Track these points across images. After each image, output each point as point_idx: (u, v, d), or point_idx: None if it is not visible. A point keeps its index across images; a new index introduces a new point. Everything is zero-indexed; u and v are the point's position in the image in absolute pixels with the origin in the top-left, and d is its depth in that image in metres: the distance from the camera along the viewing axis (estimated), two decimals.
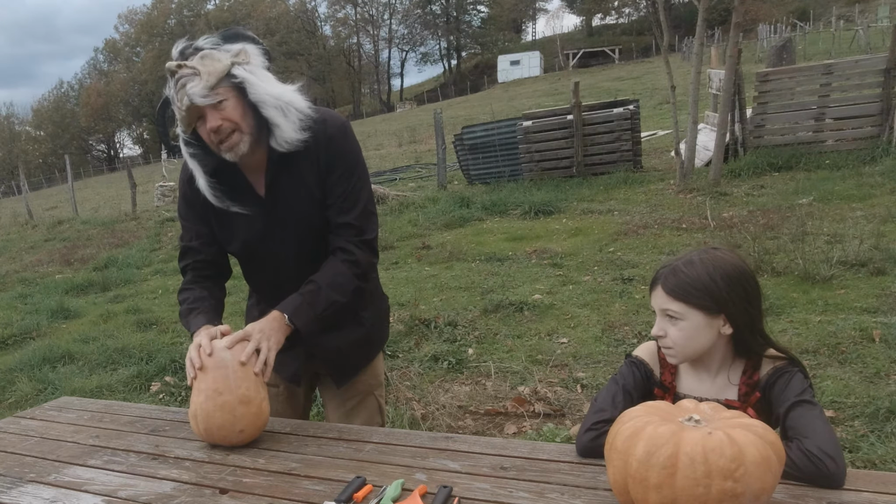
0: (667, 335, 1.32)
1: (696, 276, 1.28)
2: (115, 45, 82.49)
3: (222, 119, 1.52)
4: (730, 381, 1.34)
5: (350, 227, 1.66)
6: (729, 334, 1.30)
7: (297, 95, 1.61)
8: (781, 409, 1.24)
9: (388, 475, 1.33)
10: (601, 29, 73.80)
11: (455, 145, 11.47)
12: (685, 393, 1.38)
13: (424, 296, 5.42)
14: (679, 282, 1.29)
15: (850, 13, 37.04)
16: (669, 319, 1.31)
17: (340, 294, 1.65)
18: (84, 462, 1.55)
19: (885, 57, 8.33)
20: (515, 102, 31.13)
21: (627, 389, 1.38)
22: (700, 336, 1.30)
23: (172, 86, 1.52)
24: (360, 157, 1.70)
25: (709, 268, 1.28)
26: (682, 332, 1.30)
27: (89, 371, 4.60)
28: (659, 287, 1.32)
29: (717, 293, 1.27)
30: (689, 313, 1.29)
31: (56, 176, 50.85)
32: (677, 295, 1.29)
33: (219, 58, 1.51)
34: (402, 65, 79.30)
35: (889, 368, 3.12)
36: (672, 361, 1.37)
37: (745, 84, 9.20)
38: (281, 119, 1.55)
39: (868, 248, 4.79)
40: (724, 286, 1.27)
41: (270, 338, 1.55)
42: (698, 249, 1.34)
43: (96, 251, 10.38)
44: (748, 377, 1.33)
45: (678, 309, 1.29)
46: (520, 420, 3.14)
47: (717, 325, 1.30)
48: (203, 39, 1.55)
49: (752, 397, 1.32)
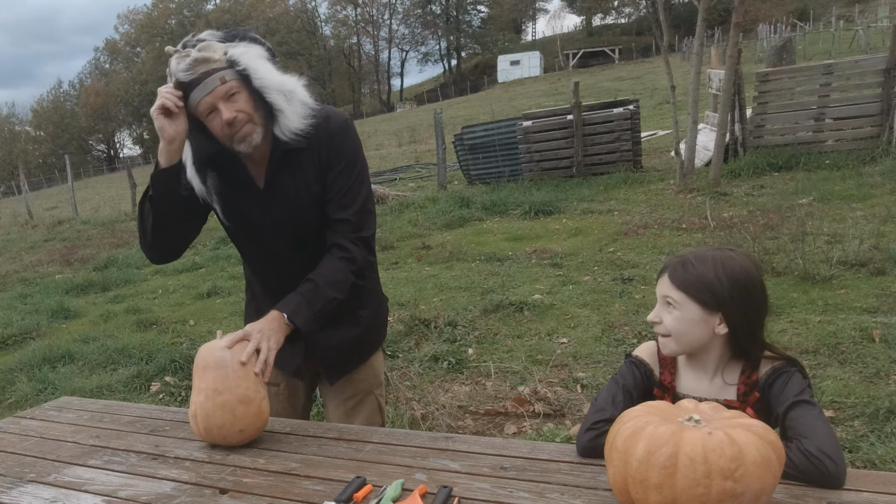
0: (662, 321, 1.34)
1: (703, 271, 1.30)
2: (115, 45, 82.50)
3: (236, 111, 1.52)
4: (726, 381, 1.35)
5: (347, 224, 1.66)
6: (724, 335, 1.31)
7: (300, 86, 1.61)
8: (780, 409, 1.24)
9: (388, 475, 1.33)
10: (601, 29, 73.84)
11: (455, 145, 11.47)
12: (684, 393, 1.38)
13: (424, 296, 5.42)
14: (685, 273, 1.31)
15: (850, 13, 37.07)
16: (667, 307, 1.33)
17: (338, 291, 1.65)
18: (84, 462, 1.55)
19: (885, 57, 8.32)
20: (515, 102, 31.13)
21: (627, 389, 1.38)
22: (693, 329, 1.31)
23: (168, 72, 1.54)
24: (360, 155, 1.70)
25: (717, 266, 1.29)
26: (677, 322, 1.32)
27: (89, 371, 4.60)
28: (666, 275, 1.34)
29: (719, 292, 1.28)
30: (687, 304, 1.30)
31: (56, 176, 50.87)
32: (680, 284, 1.31)
33: (216, 48, 1.52)
34: (402, 65, 79.42)
35: (889, 368, 3.12)
36: (665, 352, 1.37)
37: (745, 84, 9.20)
38: (285, 105, 1.56)
39: (868, 248, 4.79)
40: (727, 286, 1.28)
41: (270, 338, 1.54)
42: (715, 247, 1.35)
43: (96, 251, 10.38)
44: (747, 377, 1.33)
45: (677, 297, 1.31)
46: (520, 420, 3.14)
47: (712, 323, 1.30)
48: (205, 32, 1.57)
49: (750, 397, 1.32)
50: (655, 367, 1.43)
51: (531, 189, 9.58)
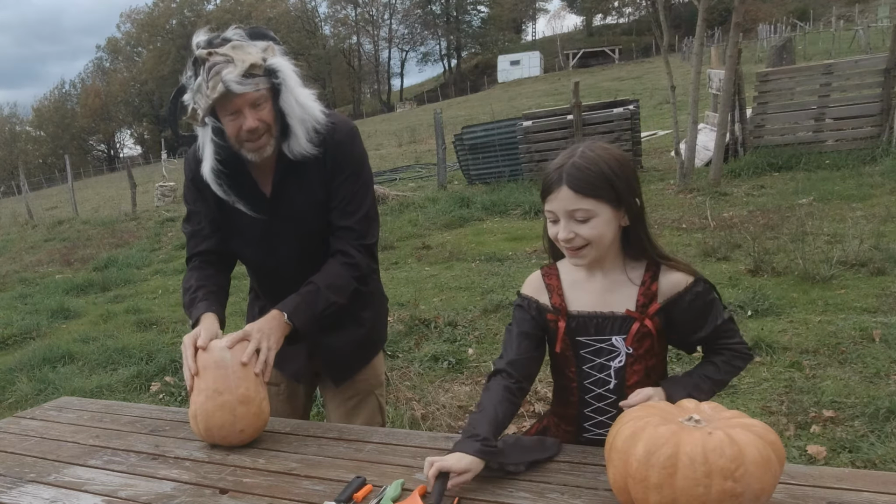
0: (577, 236, 1.28)
1: (600, 170, 1.26)
2: (117, 44, 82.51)
3: (259, 120, 1.52)
4: (629, 279, 1.33)
5: (351, 231, 1.67)
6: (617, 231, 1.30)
7: (315, 103, 1.61)
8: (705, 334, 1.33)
9: (388, 475, 1.33)
10: (601, 29, 73.81)
11: (455, 145, 11.47)
12: (577, 310, 1.36)
13: (424, 296, 5.42)
14: (586, 177, 1.25)
15: (850, 13, 37.05)
16: (577, 221, 1.27)
17: (339, 295, 1.65)
18: (84, 462, 1.55)
19: (885, 57, 8.33)
20: (515, 102, 31.12)
21: (523, 331, 1.39)
22: (609, 230, 1.29)
23: (203, 73, 1.47)
24: (366, 163, 1.71)
25: (607, 160, 1.27)
26: (595, 230, 1.27)
27: (89, 371, 4.60)
28: (564, 187, 1.26)
29: (618, 184, 1.26)
30: (599, 208, 1.26)
31: (56, 176, 50.82)
32: (587, 192, 1.25)
33: (249, 50, 1.50)
34: (402, 65, 79.40)
35: (889, 368, 3.12)
36: (583, 262, 1.33)
37: (745, 84, 9.20)
38: (299, 129, 1.56)
39: (868, 248, 4.79)
40: (622, 177, 1.27)
41: (270, 337, 1.54)
42: (582, 144, 1.31)
43: (96, 251, 10.37)
44: (647, 288, 1.32)
45: (589, 206, 1.26)
46: (520, 420, 3.14)
47: (619, 218, 1.29)
48: (231, 30, 1.54)
49: (650, 308, 1.31)
50: (542, 295, 1.41)
51: (531, 189, 9.58)
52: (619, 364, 1.33)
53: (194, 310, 1.63)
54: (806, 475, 1.19)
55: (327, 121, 1.63)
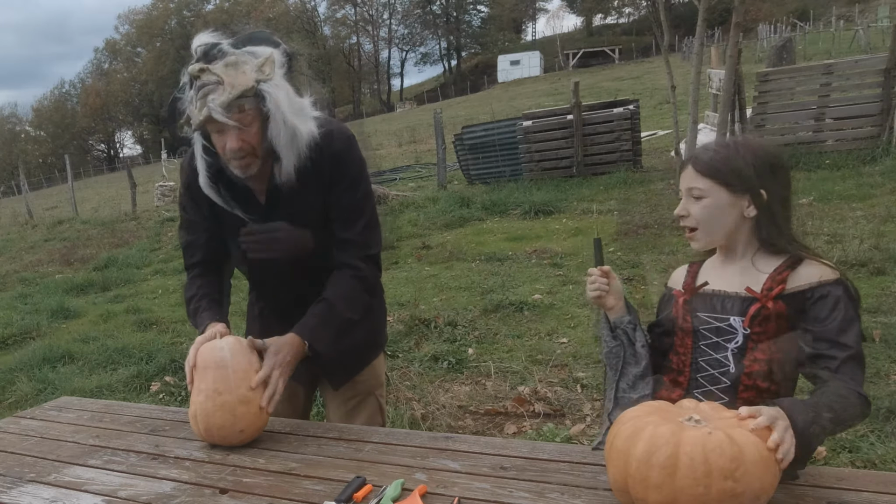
0: (689, 214, 1.31)
1: (726, 154, 1.27)
2: (115, 45, 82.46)
3: (243, 141, 1.51)
4: (758, 268, 1.29)
5: (355, 244, 1.67)
6: (752, 220, 1.28)
7: (309, 120, 1.58)
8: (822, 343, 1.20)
9: (388, 475, 1.33)
10: (601, 29, 73.82)
11: (455, 145, 11.47)
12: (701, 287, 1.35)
13: (424, 296, 5.42)
14: (709, 159, 1.28)
15: (850, 13, 37.05)
16: (693, 199, 1.30)
17: (354, 311, 1.67)
18: (84, 462, 1.55)
19: (885, 57, 8.31)
20: (515, 102, 31.11)
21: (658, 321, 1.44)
22: (723, 216, 1.28)
23: (193, 91, 1.47)
24: (364, 171, 1.70)
25: (740, 149, 1.28)
26: (705, 210, 1.28)
27: (89, 371, 4.60)
28: (689, 167, 1.30)
29: (745, 172, 1.25)
30: (714, 190, 1.27)
31: (56, 176, 50.80)
32: (704, 171, 1.28)
33: (244, 69, 1.47)
34: (402, 65, 79.42)
35: (889, 368, 3.12)
36: (696, 247, 1.34)
37: (745, 84, 9.19)
38: (287, 155, 1.54)
39: (868, 248, 4.79)
40: (752, 166, 1.25)
41: (284, 368, 1.55)
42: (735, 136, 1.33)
43: (96, 251, 10.37)
44: (777, 273, 1.26)
45: (703, 186, 1.28)
46: (520, 420, 3.14)
47: (740, 207, 1.27)
48: (228, 41, 1.50)
49: (773, 291, 1.25)
50: (680, 281, 1.41)
51: (531, 189, 9.58)
52: (737, 345, 1.28)
53: (199, 319, 1.65)
54: (805, 475, 1.19)
55: (323, 131, 1.60)
